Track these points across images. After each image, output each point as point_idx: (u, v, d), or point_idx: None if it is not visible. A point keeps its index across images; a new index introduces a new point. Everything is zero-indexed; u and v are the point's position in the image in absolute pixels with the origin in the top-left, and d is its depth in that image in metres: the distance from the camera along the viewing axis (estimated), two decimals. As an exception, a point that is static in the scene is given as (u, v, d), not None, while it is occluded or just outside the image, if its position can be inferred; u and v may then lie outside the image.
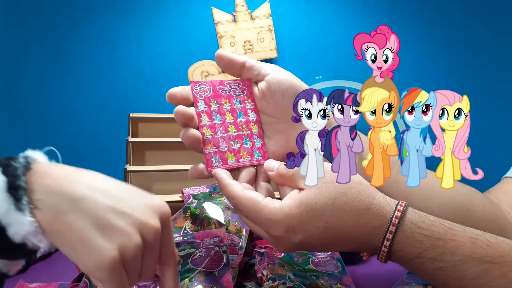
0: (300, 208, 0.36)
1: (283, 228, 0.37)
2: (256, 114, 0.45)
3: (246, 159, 0.43)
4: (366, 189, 0.37)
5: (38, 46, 0.87)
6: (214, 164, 0.42)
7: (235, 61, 0.44)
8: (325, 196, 0.36)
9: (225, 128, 0.43)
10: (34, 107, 0.88)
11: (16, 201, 0.30)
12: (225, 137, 0.43)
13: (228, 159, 0.43)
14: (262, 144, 0.45)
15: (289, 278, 0.47)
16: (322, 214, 0.36)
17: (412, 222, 0.36)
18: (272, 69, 0.44)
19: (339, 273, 0.51)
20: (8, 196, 0.30)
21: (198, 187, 0.66)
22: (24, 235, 0.30)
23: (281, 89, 0.43)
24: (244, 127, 0.44)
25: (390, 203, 0.37)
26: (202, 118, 0.42)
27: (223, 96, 0.44)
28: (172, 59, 0.90)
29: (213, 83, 0.44)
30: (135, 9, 0.89)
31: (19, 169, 0.31)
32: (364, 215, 0.36)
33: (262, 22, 0.85)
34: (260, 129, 0.45)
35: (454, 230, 0.35)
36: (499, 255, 0.33)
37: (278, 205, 0.37)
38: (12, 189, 0.30)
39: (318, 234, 0.37)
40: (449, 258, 0.34)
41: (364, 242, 0.37)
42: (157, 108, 0.87)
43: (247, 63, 0.44)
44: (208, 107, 0.43)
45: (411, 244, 0.35)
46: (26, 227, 0.30)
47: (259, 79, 0.44)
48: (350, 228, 0.37)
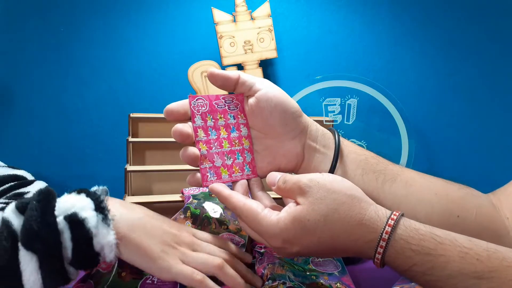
0: (294, 224, 0.38)
1: (280, 240, 0.39)
2: (247, 129, 0.46)
3: (238, 174, 0.45)
4: (357, 204, 0.38)
5: (38, 46, 0.87)
6: (209, 179, 0.44)
7: (229, 78, 0.44)
8: (317, 213, 0.37)
9: (220, 143, 0.45)
10: (34, 107, 0.88)
11: (104, 217, 0.37)
12: (220, 152, 0.45)
13: (222, 174, 0.45)
14: (252, 159, 0.46)
15: (289, 278, 0.47)
16: (314, 231, 0.37)
17: (402, 238, 0.36)
18: (263, 85, 0.44)
19: (339, 273, 0.51)
20: (97, 213, 0.37)
21: (198, 187, 0.66)
22: (103, 245, 0.37)
23: (270, 107, 0.44)
24: (236, 142, 0.46)
25: (381, 218, 0.37)
26: (199, 134, 0.44)
27: (218, 111, 0.45)
28: (172, 59, 0.90)
29: (210, 97, 0.45)
30: (135, 9, 0.89)
31: (102, 195, 0.39)
32: (356, 230, 0.37)
33: (262, 22, 0.85)
34: (251, 144, 0.46)
35: (445, 245, 0.35)
36: (488, 270, 0.33)
37: (275, 219, 0.39)
38: (98, 209, 0.38)
39: (313, 247, 0.39)
40: (439, 273, 0.35)
41: (358, 252, 0.39)
42: (157, 108, 0.87)
43: (240, 78, 0.44)
44: (204, 122, 0.44)
45: (401, 259, 0.36)
46: (109, 238, 0.37)
47: (251, 94, 0.45)
48: (343, 242, 0.38)
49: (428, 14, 0.95)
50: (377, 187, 0.45)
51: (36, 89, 0.88)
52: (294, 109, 0.45)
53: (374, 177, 0.45)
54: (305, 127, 0.46)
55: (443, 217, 0.45)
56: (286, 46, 0.93)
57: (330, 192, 0.38)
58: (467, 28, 0.95)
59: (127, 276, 0.44)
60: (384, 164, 0.47)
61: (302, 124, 0.45)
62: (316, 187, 0.38)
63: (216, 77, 0.44)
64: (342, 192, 0.38)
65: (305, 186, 0.39)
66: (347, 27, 0.94)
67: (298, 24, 0.93)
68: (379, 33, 0.94)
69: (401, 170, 0.47)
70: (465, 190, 0.48)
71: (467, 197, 0.47)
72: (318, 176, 0.40)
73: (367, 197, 0.39)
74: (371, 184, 0.45)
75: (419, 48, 0.95)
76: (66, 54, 0.88)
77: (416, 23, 0.95)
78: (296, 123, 0.45)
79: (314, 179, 0.39)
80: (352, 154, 0.46)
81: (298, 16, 0.93)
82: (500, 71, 0.96)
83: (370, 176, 0.45)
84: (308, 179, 0.39)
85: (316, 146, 0.46)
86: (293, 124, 0.45)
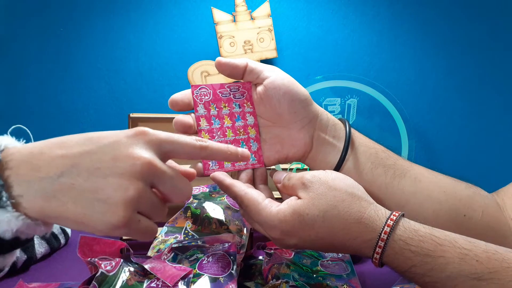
0: (293, 216, 0.38)
1: (278, 231, 0.39)
2: (254, 118, 0.45)
3: (242, 163, 0.45)
4: (357, 202, 0.38)
5: (38, 46, 0.87)
6: (211, 168, 0.43)
7: (237, 66, 0.43)
8: (317, 208, 0.37)
9: (223, 132, 0.44)
10: (34, 107, 0.88)
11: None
12: (223, 141, 0.44)
13: (224, 163, 0.44)
14: (258, 148, 0.45)
15: (293, 277, 0.47)
16: (313, 225, 0.37)
17: (401, 239, 0.36)
18: (272, 73, 0.44)
19: (347, 275, 0.51)
20: None
21: (198, 187, 0.66)
22: (13, 231, 0.30)
23: (278, 95, 0.43)
24: (241, 131, 0.45)
25: (380, 218, 0.37)
26: (201, 123, 0.43)
27: (222, 100, 0.45)
28: (172, 59, 0.90)
29: (214, 86, 0.44)
30: (135, 9, 0.89)
31: None
32: (354, 228, 0.37)
33: (262, 22, 0.85)
34: (258, 132, 0.45)
35: (444, 246, 0.35)
36: (488, 271, 0.33)
37: (275, 210, 0.39)
38: None
39: (310, 241, 0.38)
40: (438, 274, 0.35)
41: (356, 251, 0.38)
42: (157, 108, 0.87)
43: (248, 66, 0.43)
44: (207, 111, 0.44)
45: (400, 259, 0.36)
46: (14, 222, 0.29)
47: (259, 82, 0.44)
48: (341, 239, 0.38)
49: (428, 14, 0.95)
50: (385, 182, 0.45)
51: (36, 89, 0.88)
52: (304, 97, 0.43)
53: (383, 171, 0.45)
54: (315, 116, 0.45)
55: (450, 215, 0.45)
56: (286, 46, 0.93)
57: (331, 189, 0.38)
58: (467, 28, 0.95)
59: (131, 279, 0.44)
60: (394, 159, 0.46)
61: (312, 113, 0.44)
62: (318, 183, 0.38)
63: (224, 65, 0.43)
64: (343, 190, 0.38)
65: (308, 182, 0.39)
66: (347, 27, 0.94)
67: (298, 24, 0.93)
68: (379, 32, 0.94)
69: (410, 165, 0.47)
70: (473, 189, 0.48)
71: (474, 197, 0.47)
72: (321, 173, 0.40)
73: (369, 196, 0.39)
74: (380, 179, 0.45)
75: (419, 48, 0.95)
76: (66, 54, 0.88)
77: (416, 23, 0.95)
78: (305, 112, 0.44)
79: (317, 175, 0.39)
80: (362, 147, 0.45)
81: (298, 16, 0.93)
82: (500, 70, 0.96)
83: (379, 170, 0.45)
84: (311, 175, 0.39)
85: (325, 136, 0.45)
86: (303, 112, 0.44)
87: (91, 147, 0.31)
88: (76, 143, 0.31)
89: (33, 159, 0.30)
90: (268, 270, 0.49)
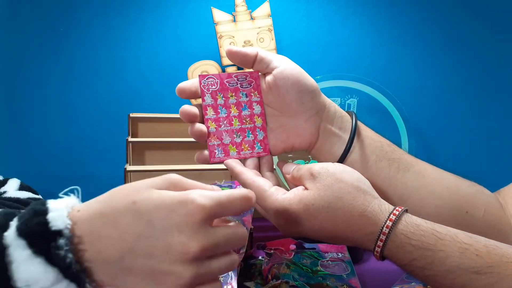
0: (298, 205, 0.38)
1: (282, 219, 0.39)
2: (261, 107, 0.46)
3: (247, 152, 0.45)
4: (362, 195, 0.38)
5: (38, 46, 0.87)
6: (217, 156, 0.44)
7: (248, 55, 0.44)
8: (323, 199, 0.38)
9: (229, 121, 0.45)
10: (34, 107, 0.88)
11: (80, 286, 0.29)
12: (229, 130, 0.45)
13: (230, 151, 0.45)
14: (264, 137, 0.46)
15: (293, 277, 0.47)
16: (317, 215, 0.38)
17: (402, 233, 0.36)
18: (281, 63, 0.44)
19: (347, 275, 0.51)
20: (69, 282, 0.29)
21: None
22: None
23: (287, 85, 0.43)
24: (248, 120, 0.46)
25: (383, 212, 0.38)
26: (208, 112, 0.44)
27: (229, 89, 0.45)
28: (171, 59, 0.90)
29: (221, 76, 0.45)
30: (134, 9, 0.89)
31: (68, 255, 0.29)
32: (357, 221, 0.38)
33: (262, 22, 0.85)
34: (264, 121, 0.46)
35: (445, 240, 0.36)
36: (487, 265, 0.34)
37: (281, 198, 0.39)
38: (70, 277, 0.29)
39: (313, 231, 0.39)
40: (438, 268, 0.35)
41: (358, 243, 0.39)
42: (157, 108, 0.87)
43: (258, 55, 0.44)
44: (214, 101, 0.44)
45: (401, 253, 0.36)
46: None
47: (268, 71, 0.44)
48: (343, 231, 0.38)
49: (428, 14, 0.94)
50: (389, 175, 0.45)
51: (36, 89, 0.88)
52: (312, 88, 0.44)
53: (387, 164, 0.45)
54: (322, 107, 0.45)
55: (452, 212, 0.45)
56: (286, 46, 0.93)
57: (338, 181, 0.39)
58: (467, 28, 0.95)
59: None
60: (399, 153, 0.47)
61: (320, 104, 0.45)
62: (325, 174, 0.39)
63: (234, 54, 0.44)
64: (349, 183, 0.39)
65: (316, 172, 0.39)
66: (347, 27, 0.94)
67: (298, 24, 0.93)
68: (379, 33, 0.94)
69: (415, 161, 0.47)
70: (476, 187, 0.49)
71: (477, 194, 0.48)
72: (330, 165, 0.40)
73: (374, 191, 0.40)
74: (384, 171, 0.45)
75: (419, 48, 0.95)
76: (66, 54, 0.88)
77: (415, 23, 0.95)
78: (313, 102, 0.44)
79: (325, 167, 0.40)
80: (367, 140, 0.46)
81: (298, 16, 0.93)
82: (501, 70, 0.96)
83: (383, 163, 0.45)
84: (320, 166, 0.40)
85: (331, 127, 0.45)
86: (310, 103, 0.44)
87: (142, 229, 0.30)
88: (127, 225, 0.30)
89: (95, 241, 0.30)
90: (268, 270, 0.49)
